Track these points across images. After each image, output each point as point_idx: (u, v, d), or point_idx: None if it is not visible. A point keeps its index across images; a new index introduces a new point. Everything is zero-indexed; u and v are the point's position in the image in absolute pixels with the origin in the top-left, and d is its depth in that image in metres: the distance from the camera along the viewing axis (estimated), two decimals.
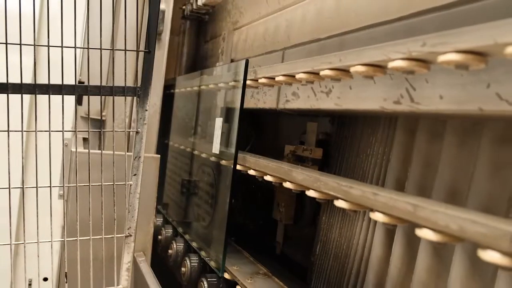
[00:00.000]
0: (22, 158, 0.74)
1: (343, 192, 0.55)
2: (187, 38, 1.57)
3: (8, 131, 0.71)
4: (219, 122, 0.97)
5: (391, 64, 0.49)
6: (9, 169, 0.72)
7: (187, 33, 1.57)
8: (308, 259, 0.93)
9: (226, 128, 0.94)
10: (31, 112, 0.82)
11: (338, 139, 0.87)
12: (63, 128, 0.75)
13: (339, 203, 0.56)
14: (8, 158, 0.71)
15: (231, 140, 0.90)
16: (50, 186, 0.75)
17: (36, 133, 0.72)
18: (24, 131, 0.73)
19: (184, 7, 1.52)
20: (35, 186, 0.74)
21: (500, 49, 0.37)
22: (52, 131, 0.72)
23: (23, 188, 0.73)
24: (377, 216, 0.49)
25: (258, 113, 1.07)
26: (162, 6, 1.29)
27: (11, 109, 0.70)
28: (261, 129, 1.22)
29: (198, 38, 1.58)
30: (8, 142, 0.71)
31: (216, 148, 0.96)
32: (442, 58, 0.42)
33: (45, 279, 1.50)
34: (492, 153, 0.56)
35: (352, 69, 0.56)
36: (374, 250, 0.72)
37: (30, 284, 1.55)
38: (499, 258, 0.35)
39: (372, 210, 0.51)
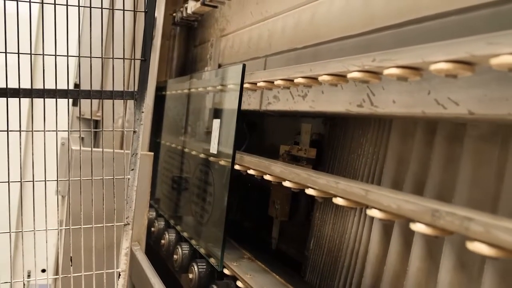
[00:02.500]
0: (32, 155, 0.82)
1: (311, 181, 0.65)
2: (177, 43, 1.66)
3: (19, 131, 0.80)
4: (216, 123, 1.02)
5: (349, 75, 0.59)
6: (21, 166, 0.81)
7: (178, 38, 1.67)
8: (302, 254, 0.99)
9: (224, 128, 0.99)
10: (32, 114, 0.91)
11: (331, 140, 0.93)
12: (68, 128, 0.84)
13: (309, 191, 0.66)
14: (20, 156, 0.80)
15: (229, 140, 0.94)
16: (57, 180, 0.84)
17: (44, 133, 0.81)
18: (34, 131, 0.82)
19: (174, 14, 1.61)
20: (44, 180, 0.83)
21: (427, 66, 0.48)
22: (59, 131, 0.81)
23: (33, 181, 0.82)
24: (338, 201, 0.59)
25: (253, 115, 1.13)
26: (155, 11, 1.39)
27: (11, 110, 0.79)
28: (257, 130, 1.28)
29: (188, 42, 1.67)
30: (20, 141, 0.80)
31: (214, 148, 1.01)
32: (386, 71, 0.53)
33: (43, 271, 1.58)
34: (444, 149, 0.67)
35: (320, 78, 0.66)
36: (364, 244, 0.79)
37: (29, 276, 1.63)
38: (424, 228, 0.46)
39: (335, 196, 0.61)
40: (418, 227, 0.46)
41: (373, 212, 0.53)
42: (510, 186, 0.56)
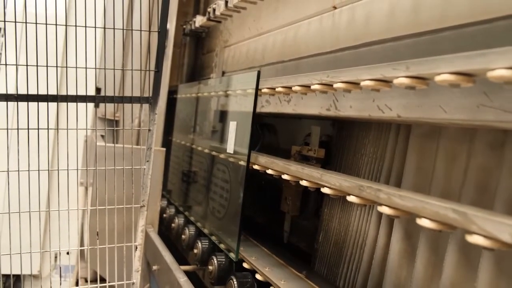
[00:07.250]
0: (67, 149, 1.02)
1: (286, 169, 0.84)
2: (187, 51, 1.86)
3: (57, 129, 0.99)
4: (233, 125, 1.10)
5: (312, 87, 0.78)
6: (58, 157, 1.01)
7: (188, 46, 1.86)
8: (312, 247, 1.06)
9: (239, 130, 1.05)
10: (67, 115, 1.10)
11: (338, 141, 0.99)
12: (96, 126, 1.04)
13: (284, 176, 0.84)
14: (57, 150, 0.99)
15: (244, 141, 1.01)
16: (86, 169, 1.04)
17: (77, 131, 1.01)
18: (69, 129, 1.02)
19: (184, 26, 1.80)
20: (76, 168, 1.02)
21: (360, 82, 0.66)
22: (88, 129, 1.01)
23: (68, 170, 1.02)
24: (303, 183, 0.78)
25: (268, 117, 1.22)
26: (167, 25, 1.58)
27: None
28: (270, 132, 1.39)
29: (197, 50, 1.87)
30: (58, 138, 0.99)
31: (230, 148, 1.09)
32: (335, 85, 0.71)
33: (67, 253, 1.78)
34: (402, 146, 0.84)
35: (293, 88, 0.84)
36: (362, 235, 0.89)
37: (56, 257, 1.84)
38: (355, 199, 0.64)
39: (302, 179, 0.79)
40: (351, 198, 0.64)
41: (325, 190, 0.71)
42: (440, 172, 0.73)
